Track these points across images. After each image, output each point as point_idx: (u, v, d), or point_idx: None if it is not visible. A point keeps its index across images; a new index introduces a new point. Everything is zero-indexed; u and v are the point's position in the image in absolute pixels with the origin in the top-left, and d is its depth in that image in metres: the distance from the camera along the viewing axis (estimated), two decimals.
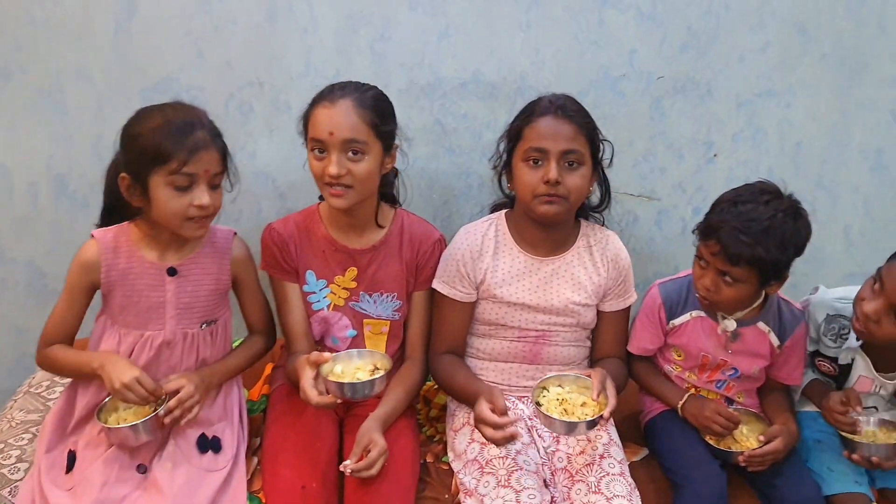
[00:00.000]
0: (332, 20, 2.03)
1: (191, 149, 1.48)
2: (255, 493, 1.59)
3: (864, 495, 1.63)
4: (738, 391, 1.80)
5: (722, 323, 1.73)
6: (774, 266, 1.59)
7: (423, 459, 1.72)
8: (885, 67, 2.18)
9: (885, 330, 1.60)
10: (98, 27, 1.98)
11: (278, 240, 1.75)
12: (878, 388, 1.75)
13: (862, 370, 1.74)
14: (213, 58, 2.03)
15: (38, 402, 1.85)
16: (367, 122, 1.61)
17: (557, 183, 1.60)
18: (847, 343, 1.73)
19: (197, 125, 1.52)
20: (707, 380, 1.79)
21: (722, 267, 1.60)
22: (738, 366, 1.76)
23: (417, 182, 2.14)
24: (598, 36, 2.10)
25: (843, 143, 2.25)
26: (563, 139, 1.61)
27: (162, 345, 1.62)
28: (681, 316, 1.77)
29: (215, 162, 1.53)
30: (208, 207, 1.53)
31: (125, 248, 1.60)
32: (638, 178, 2.23)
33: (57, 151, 2.08)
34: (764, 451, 1.62)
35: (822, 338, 1.78)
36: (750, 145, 2.22)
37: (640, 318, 1.80)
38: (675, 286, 1.79)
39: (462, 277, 1.73)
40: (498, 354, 1.78)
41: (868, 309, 1.60)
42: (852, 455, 1.62)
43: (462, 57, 2.09)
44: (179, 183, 1.49)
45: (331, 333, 1.80)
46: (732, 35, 2.12)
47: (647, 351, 1.82)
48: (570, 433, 1.54)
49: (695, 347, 1.76)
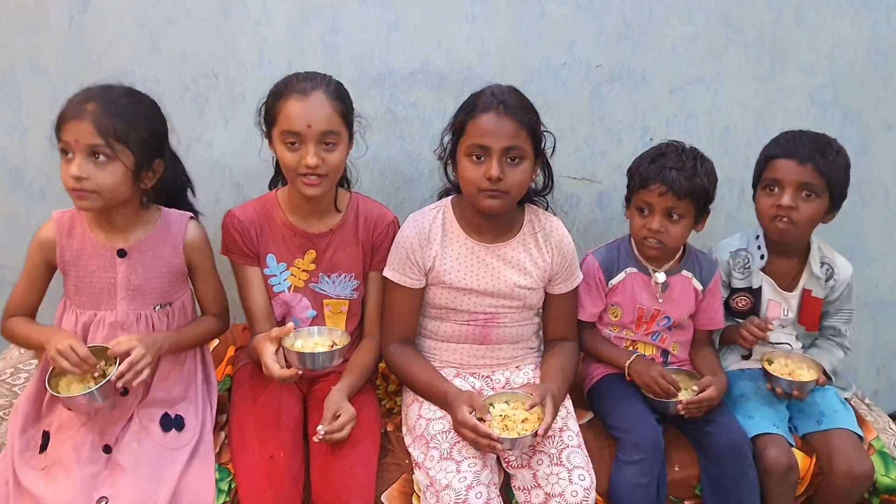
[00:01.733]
0: (285, 12, 2.09)
1: (61, 119, 1.53)
2: (225, 465, 1.66)
3: (780, 436, 1.80)
4: (671, 342, 1.95)
5: (654, 275, 1.90)
6: (706, 197, 1.82)
7: (383, 429, 1.80)
8: (803, 56, 2.34)
9: (803, 212, 1.85)
10: (52, 20, 2.01)
11: (239, 225, 1.80)
12: (786, 311, 1.97)
13: (769, 294, 1.97)
14: (168, 50, 2.07)
15: (4, 389, 1.88)
16: (339, 113, 1.68)
17: (499, 179, 1.64)
18: (753, 268, 1.97)
19: (86, 97, 1.54)
20: (644, 332, 1.94)
21: (669, 203, 1.79)
22: (670, 313, 1.92)
23: (370, 169, 2.22)
24: (540, 27, 2.20)
25: (767, 127, 2.38)
26: (505, 136, 1.64)
27: (114, 325, 1.64)
28: (617, 275, 1.93)
29: (87, 133, 1.50)
30: (81, 179, 1.51)
31: (79, 230, 1.64)
32: (579, 162, 2.35)
33: (11, 144, 2.10)
34: (700, 397, 1.77)
35: (732, 273, 2.00)
36: (682, 129, 2.35)
37: (582, 286, 1.92)
38: (607, 251, 1.96)
39: (411, 265, 1.78)
40: (450, 336, 1.85)
41: (786, 201, 1.84)
42: (776, 388, 1.83)
43: (411, 48, 2.17)
44: (61, 151, 1.54)
45: (292, 314, 1.86)
46: (664, 26, 2.25)
47: (592, 315, 1.95)
48: (512, 448, 1.59)
49: (631, 301, 1.92)
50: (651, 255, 1.90)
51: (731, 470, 1.74)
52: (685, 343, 1.99)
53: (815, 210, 1.86)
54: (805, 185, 1.84)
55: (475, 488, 1.55)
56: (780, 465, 1.75)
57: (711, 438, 1.77)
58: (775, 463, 1.75)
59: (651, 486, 1.69)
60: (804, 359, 1.88)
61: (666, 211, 1.81)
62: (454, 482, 1.55)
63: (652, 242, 1.84)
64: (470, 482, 1.56)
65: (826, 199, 1.87)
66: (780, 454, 1.76)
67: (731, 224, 2.40)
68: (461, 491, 1.54)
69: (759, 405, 1.88)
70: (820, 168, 1.83)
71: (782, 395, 1.82)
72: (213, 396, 1.79)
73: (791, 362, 1.88)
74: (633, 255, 1.94)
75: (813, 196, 1.85)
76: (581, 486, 1.59)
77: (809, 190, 1.85)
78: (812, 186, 1.84)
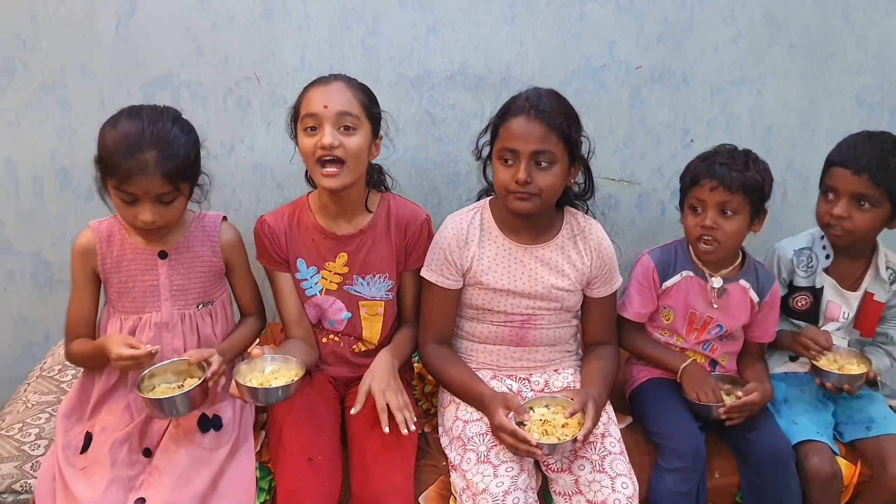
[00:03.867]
0: (326, 16, 2.11)
1: (129, 171, 1.52)
2: (265, 464, 1.69)
3: (824, 444, 1.77)
4: (721, 353, 1.92)
5: (710, 280, 1.87)
6: (761, 193, 1.79)
7: (420, 430, 1.81)
8: (850, 55, 2.29)
9: (857, 221, 1.82)
10: (100, 24, 2.05)
11: (269, 232, 1.82)
12: (845, 313, 1.93)
13: (830, 294, 1.93)
14: (212, 54, 2.10)
15: (52, 385, 1.94)
16: (358, 101, 1.69)
17: (527, 182, 1.65)
18: (818, 267, 1.94)
19: (145, 146, 1.53)
20: (695, 341, 1.91)
21: (721, 198, 1.76)
22: (724, 322, 1.88)
23: (407, 171, 2.24)
24: (580, 28, 2.19)
25: (812, 128, 2.36)
26: (533, 140, 1.64)
27: (160, 326, 1.68)
28: (672, 277, 1.90)
29: (157, 184, 1.54)
30: (153, 222, 1.58)
31: (118, 236, 1.68)
32: (619, 164, 2.33)
33: (61, 146, 2.15)
34: (743, 401, 1.74)
35: (796, 271, 1.95)
36: (724, 131, 2.33)
37: (634, 285, 1.91)
38: (664, 251, 1.93)
39: (449, 265, 1.79)
40: (486, 337, 1.85)
41: (838, 211, 1.82)
42: (826, 384, 1.79)
43: (449, 50, 2.17)
44: (123, 198, 1.57)
45: (326, 317, 1.87)
46: (706, 26, 2.22)
47: (641, 316, 1.93)
48: (551, 453, 1.59)
49: (684, 305, 1.90)
50: (706, 259, 1.86)
51: (772, 479, 1.72)
52: (734, 355, 1.95)
53: (871, 219, 1.82)
54: (860, 196, 1.80)
55: (512, 493, 1.55)
56: (823, 474, 1.72)
57: (753, 446, 1.75)
58: (818, 471, 1.72)
59: (691, 494, 1.68)
60: (853, 353, 1.85)
61: (719, 206, 1.77)
62: (491, 487, 1.56)
63: (706, 242, 1.80)
64: (507, 487, 1.55)
65: (887, 208, 1.81)
66: (823, 462, 1.73)
67: (774, 227, 2.36)
68: (498, 496, 1.54)
69: (804, 410, 1.85)
70: (877, 179, 1.77)
71: (833, 389, 1.79)
72: None
73: (840, 357, 1.84)
74: (690, 259, 1.90)
75: (869, 206, 1.81)
76: (624, 494, 1.58)
77: (865, 200, 1.80)
78: (868, 197, 1.80)
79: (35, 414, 1.82)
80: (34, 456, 1.68)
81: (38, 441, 1.73)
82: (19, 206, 2.19)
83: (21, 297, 2.28)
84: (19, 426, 1.77)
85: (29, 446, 1.71)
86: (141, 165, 1.51)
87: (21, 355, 2.33)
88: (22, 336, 2.31)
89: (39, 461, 1.64)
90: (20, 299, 2.28)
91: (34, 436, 1.74)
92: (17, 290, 2.27)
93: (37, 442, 1.72)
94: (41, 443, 1.72)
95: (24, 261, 2.25)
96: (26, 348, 2.32)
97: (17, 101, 2.10)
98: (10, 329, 2.31)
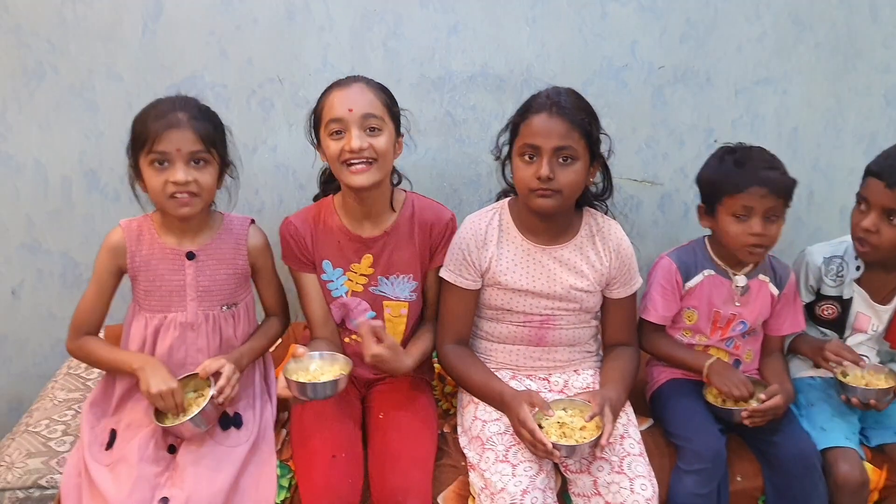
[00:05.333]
0: (348, 18, 2.12)
1: (159, 129, 1.58)
2: (286, 462, 1.70)
3: (853, 450, 1.74)
4: (745, 349, 1.91)
5: (734, 278, 1.86)
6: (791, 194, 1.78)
7: (440, 430, 1.82)
8: (877, 54, 2.27)
9: (885, 236, 1.76)
10: (126, 28, 2.09)
11: (295, 233, 1.83)
12: (875, 326, 1.89)
13: (860, 306, 1.89)
14: (236, 56, 2.13)
15: (78, 382, 1.97)
16: (381, 101, 1.70)
17: (549, 179, 1.64)
18: (847, 278, 1.89)
19: (176, 107, 1.61)
20: (719, 339, 1.89)
21: (770, 204, 1.74)
22: (747, 318, 1.87)
23: (429, 171, 2.24)
24: (601, 28, 2.19)
25: (838, 128, 2.33)
26: (556, 136, 1.64)
27: (185, 326, 1.70)
28: (695, 277, 1.88)
29: (189, 140, 1.59)
30: (186, 183, 1.59)
31: (147, 236, 1.70)
32: (641, 164, 2.32)
33: (89, 147, 2.18)
34: (766, 406, 1.72)
35: (824, 279, 1.91)
36: (748, 131, 2.31)
37: (656, 287, 1.89)
38: (684, 252, 1.91)
39: (468, 266, 1.79)
40: (506, 337, 1.85)
41: (866, 224, 1.76)
42: (851, 399, 1.76)
43: (471, 51, 2.18)
44: (155, 161, 1.60)
45: (351, 317, 1.87)
46: (730, 25, 2.21)
47: (664, 319, 1.90)
48: (569, 456, 1.58)
49: (708, 305, 1.88)
50: (753, 262, 1.86)
51: (799, 482, 1.69)
52: (757, 352, 1.94)
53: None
54: (891, 211, 1.74)
55: (531, 493, 1.55)
56: (853, 482, 1.69)
57: (778, 449, 1.73)
58: (848, 479, 1.69)
59: (711, 497, 1.66)
60: (880, 368, 1.81)
61: (766, 213, 1.75)
62: (509, 486, 1.55)
63: (758, 249, 1.78)
64: (525, 486, 1.55)
65: None
66: (853, 470, 1.70)
67: (800, 228, 2.34)
68: (516, 495, 1.54)
69: (831, 416, 1.81)
70: None
71: (858, 405, 1.75)
72: (273, 394, 1.82)
73: (867, 374, 1.80)
74: (711, 258, 1.89)
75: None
76: (643, 495, 1.57)
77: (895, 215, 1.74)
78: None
79: (62, 411, 1.85)
80: (60, 452, 1.71)
81: (65, 437, 1.76)
82: (48, 207, 2.23)
83: (50, 296, 2.32)
84: (46, 422, 1.81)
85: (55, 442, 1.74)
86: (174, 122, 1.59)
87: (50, 353, 2.37)
88: (51, 334, 2.34)
89: (65, 457, 1.67)
90: (49, 298, 2.32)
91: (60, 432, 1.77)
92: (46, 289, 2.31)
93: (63, 438, 1.75)
94: (67, 439, 1.75)
95: (53, 260, 2.29)
96: (55, 346, 2.35)
97: (46, 104, 2.13)
98: (40, 327, 2.34)
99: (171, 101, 1.64)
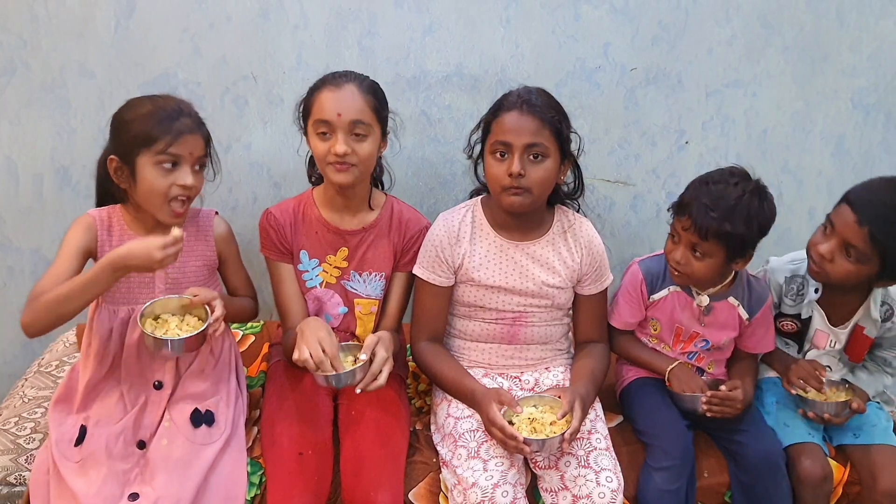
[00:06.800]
0: (322, 16, 2.13)
1: (177, 132, 1.60)
2: (256, 459, 1.70)
3: (816, 445, 1.78)
4: (708, 362, 1.92)
5: (697, 298, 1.86)
6: (740, 242, 1.70)
7: (412, 427, 1.83)
8: (843, 58, 2.30)
9: (838, 267, 1.74)
10: (99, 24, 2.07)
11: (275, 222, 1.85)
12: (833, 343, 1.90)
13: (818, 324, 1.90)
14: (209, 53, 2.12)
15: (49, 380, 1.95)
16: (370, 106, 1.73)
17: (521, 175, 1.66)
18: (806, 298, 1.88)
19: (183, 112, 1.65)
20: (681, 351, 1.91)
21: (693, 240, 1.73)
22: (710, 337, 1.88)
23: (404, 170, 2.25)
24: (575, 30, 2.20)
25: (807, 130, 2.37)
26: (527, 133, 1.66)
27: None
28: (660, 291, 1.89)
29: (199, 146, 1.65)
30: (191, 188, 1.64)
31: (117, 228, 1.71)
32: (614, 165, 2.34)
33: (60, 144, 2.17)
34: (724, 394, 1.75)
35: (783, 299, 1.91)
36: (719, 133, 2.34)
37: (623, 294, 1.91)
38: (654, 263, 1.90)
39: (441, 262, 1.81)
40: (478, 335, 1.87)
41: (823, 250, 1.74)
42: (808, 413, 1.79)
43: (446, 51, 2.19)
44: (165, 162, 1.61)
45: (324, 311, 1.89)
46: (700, 28, 2.23)
47: (628, 325, 1.93)
48: (540, 450, 1.59)
49: (670, 320, 1.89)
50: (679, 281, 1.85)
51: (763, 480, 1.72)
52: (721, 361, 1.95)
53: (852, 272, 1.73)
54: (850, 245, 1.70)
55: (501, 486, 1.56)
56: (814, 476, 1.72)
57: (743, 448, 1.75)
58: (810, 473, 1.72)
59: (680, 493, 1.68)
60: (840, 384, 1.84)
61: (690, 245, 1.75)
62: (480, 480, 1.57)
63: (676, 271, 1.80)
64: (497, 481, 1.57)
65: (873, 266, 1.71)
66: (814, 464, 1.73)
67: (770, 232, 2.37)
68: (487, 489, 1.55)
69: (795, 413, 1.84)
70: (877, 236, 1.66)
71: (815, 419, 1.78)
72: (244, 391, 1.82)
73: (829, 391, 1.83)
74: None
75: (855, 258, 1.71)
76: (608, 488, 1.59)
77: (853, 250, 1.70)
78: (857, 249, 1.69)
79: (31, 408, 1.83)
80: (29, 449, 1.70)
81: (34, 435, 1.74)
82: (19, 204, 2.21)
83: (21, 294, 2.29)
84: (15, 420, 1.79)
85: (24, 440, 1.73)
86: (187, 126, 1.63)
87: (21, 351, 2.36)
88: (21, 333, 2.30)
89: (34, 454, 1.66)
90: (20, 296, 2.28)
91: (30, 430, 1.76)
92: (16, 287, 2.30)
93: (32, 436, 1.74)
94: (36, 436, 1.74)
95: (24, 258, 2.27)
96: (26, 345, 2.34)
97: (18, 100, 2.12)
98: (10, 325, 2.32)
99: (176, 103, 1.65)
